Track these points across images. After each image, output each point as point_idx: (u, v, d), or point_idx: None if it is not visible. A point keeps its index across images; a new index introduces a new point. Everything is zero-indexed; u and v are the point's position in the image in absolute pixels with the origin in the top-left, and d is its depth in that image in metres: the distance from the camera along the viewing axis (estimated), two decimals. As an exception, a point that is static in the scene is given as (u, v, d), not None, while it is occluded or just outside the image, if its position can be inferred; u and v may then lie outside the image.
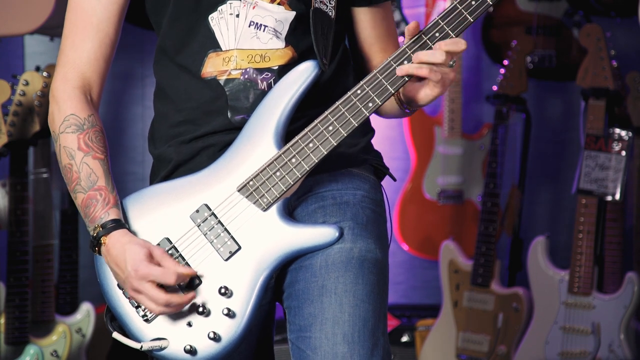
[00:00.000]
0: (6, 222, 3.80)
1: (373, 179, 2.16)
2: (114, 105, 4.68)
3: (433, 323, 4.55)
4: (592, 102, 4.21)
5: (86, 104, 2.08)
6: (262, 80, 2.05)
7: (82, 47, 2.09)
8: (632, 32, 4.74)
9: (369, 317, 2.01)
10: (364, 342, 1.99)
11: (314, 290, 2.02)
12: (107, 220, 2.02)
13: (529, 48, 4.52)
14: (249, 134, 2.02)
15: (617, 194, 4.18)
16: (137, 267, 1.95)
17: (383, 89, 1.97)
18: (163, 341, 2.02)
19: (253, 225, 2.01)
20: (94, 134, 2.07)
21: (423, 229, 4.88)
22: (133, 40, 4.54)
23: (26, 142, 3.77)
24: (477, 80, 5.04)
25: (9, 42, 4.40)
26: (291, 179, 2.00)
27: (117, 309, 2.06)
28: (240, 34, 2.05)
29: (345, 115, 1.98)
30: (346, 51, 2.17)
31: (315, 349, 1.99)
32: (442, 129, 4.85)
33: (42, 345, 3.83)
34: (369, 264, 2.04)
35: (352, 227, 2.06)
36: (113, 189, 2.05)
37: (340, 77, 2.13)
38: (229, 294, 2.00)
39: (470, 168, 4.88)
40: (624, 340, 4.15)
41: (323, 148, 1.99)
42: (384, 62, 1.98)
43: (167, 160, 2.12)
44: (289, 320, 2.07)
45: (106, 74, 2.13)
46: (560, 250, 4.70)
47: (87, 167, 2.04)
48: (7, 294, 3.78)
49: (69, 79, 2.09)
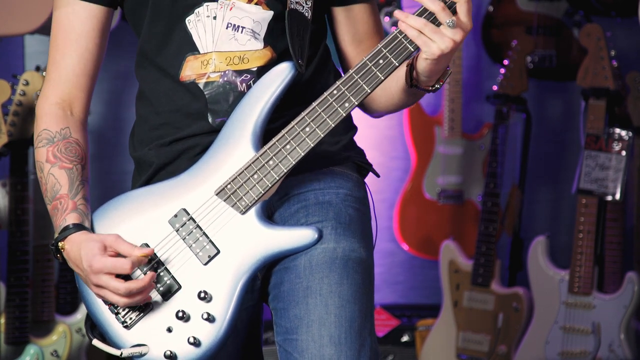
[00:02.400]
0: (6, 222, 3.80)
1: (356, 177, 2.15)
2: (114, 105, 4.68)
3: (433, 323, 4.55)
4: (593, 102, 4.21)
5: (62, 118, 2.08)
6: (241, 82, 2.04)
7: (62, 64, 2.09)
8: (633, 32, 4.74)
9: (355, 318, 1.99)
10: (351, 344, 1.98)
11: (299, 292, 2.01)
12: (65, 226, 2.01)
13: (529, 48, 4.52)
14: (226, 136, 2.01)
15: (618, 194, 4.18)
16: (90, 262, 1.94)
17: (359, 89, 1.96)
18: (143, 347, 2.01)
19: (232, 229, 2.00)
20: (64, 145, 2.06)
21: (423, 229, 4.87)
22: (133, 40, 4.53)
23: (26, 142, 3.77)
24: (477, 80, 5.04)
25: (9, 42, 4.40)
26: (269, 181, 1.98)
27: (97, 316, 2.04)
28: (218, 36, 2.04)
29: (322, 115, 1.97)
30: (326, 51, 2.15)
31: (302, 351, 1.98)
32: (442, 129, 4.85)
33: (42, 345, 3.83)
34: (354, 263, 2.03)
35: (334, 227, 2.05)
36: (77, 194, 2.04)
37: (319, 78, 2.11)
38: (209, 299, 1.99)
39: (471, 168, 4.87)
40: (624, 340, 4.15)
41: (300, 149, 1.98)
42: (360, 61, 1.96)
43: (148, 163, 2.11)
44: (275, 322, 2.06)
45: (91, 88, 2.13)
46: (560, 250, 4.70)
47: (52, 178, 2.04)
48: (8, 294, 3.78)
49: (48, 96, 2.10)
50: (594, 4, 4.62)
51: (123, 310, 2.01)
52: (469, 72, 4.99)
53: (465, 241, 4.73)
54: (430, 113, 4.91)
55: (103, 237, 1.97)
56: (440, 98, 4.90)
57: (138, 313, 2.01)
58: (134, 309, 2.01)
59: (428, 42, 1.92)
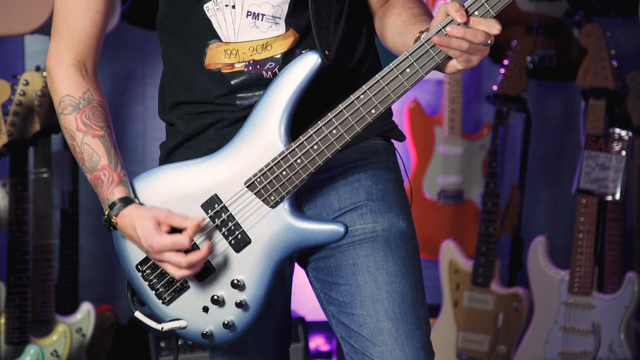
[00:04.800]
0: (6, 222, 3.80)
1: (381, 144, 2.18)
2: (114, 105, 4.68)
3: (433, 323, 4.55)
4: (592, 102, 4.21)
5: (81, 80, 2.11)
6: (266, 70, 2.07)
7: (74, 26, 2.11)
8: (633, 32, 4.75)
9: (406, 292, 2.07)
10: (406, 317, 2.05)
11: (346, 269, 2.08)
12: (113, 200, 2.05)
13: (529, 48, 4.52)
14: (254, 123, 2.04)
15: (617, 194, 4.18)
16: (150, 243, 2.00)
17: (386, 97, 1.97)
18: (182, 321, 2.10)
19: (262, 221, 2.05)
20: (90, 110, 2.10)
21: (423, 229, 4.88)
22: (133, 40, 4.54)
23: (26, 142, 3.77)
24: (477, 80, 5.04)
25: (9, 42, 4.40)
26: (297, 179, 2.03)
27: (138, 287, 2.12)
28: (239, 26, 2.06)
29: (349, 120, 1.99)
30: (350, 15, 2.13)
31: (360, 325, 2.06)
32: (442, 129, 4.85)
33: (43, 345, 3.83)
34: (395, 238, 2.09)
35: (369, 206, 2.10)
36: (117, 164, 2.08)
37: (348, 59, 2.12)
38: (242, 287, 2.07)
39: (471, 168, 4.88)
40: (624, 340, 4.15)
41: (328, 152, 2.01)
42: (387, 67, 1.97)
43: (177, 131, 2.16)
44: (322, 291, 2.13)
45: (99, 47, 2.16)
46: (560, 250, 4.70)
47: (88, 148, 2.08)
48: (8, 294, 3.78)
49: (63, 57, 2.12)
50: (594, 4, 4.62)
51: (163, 288, 2.09)
52: (469, 72, 4.99)
53: (465, 241, 4.73)
54: (430, 113, 4.91)
55: (155, 213, 2.02)
56: (440, 98, 4.90)
57: (176, 292, 2.10)
58: (173, 288, 2.09)
59: (470, 58, 1.95)
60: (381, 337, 2.05)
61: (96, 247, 4.66)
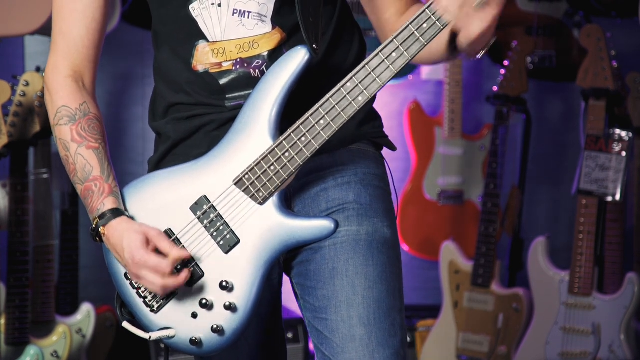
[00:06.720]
0: (6, 223, 3.80)
1: (372, 153, 2.16)
2: (114, 105, 4.68)
3: (433, 324, 4.55)
4: (593, 102, 4.21)
5: (78, 92, 2.10)
6: (254, 68, 2.06)
7: (70, 35, 2.10)
8: (633, 32, 4.75)
9: (382, 298, 2.03)
10: (380, 324, 2.02)
11: (325, 273, 2.05)
12: (104, 211, 2.04)
13: (530, 48, 4.52)
14: (243, 122, 2.03)
15: (618, 195, 4.18)
16: (133, 255, 1.98)
17: (373, 83, 1.96)
18: (170, 330, 2.07)
19: (251, 219, 2.03)
20: (86, 122, 2.09)
21: (423, 229, 4.88)
22: (133, 40, 4.54)
23: (26, 142, 3.77)
24: (477, 80, 5.04)
25: (9, 42, 4.40)
26: (285, 173, 2.00)
27: (126, 298, 2.10)
28: (225, 24, 2.05)
29: (337, 109, 1.97)
30: (341, 21, 2.13)
31: (333, 331, 2.03)
32: (442, 130, 4.85)
33: (43, 346, 3.83)
34: (377, 243, 2.06)
35: (356, 209, 2.08)
36: (109, 176, 2.07)
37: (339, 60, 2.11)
38: (230, 288, 2.03)
39: (471, 169, 4.88)
40: (624, 341, 4.15)
41: (315, 142, 1.99)
42: (373, 54, 1.96)
43: (166, 136, 2.14)
44: (302, 297, 2.10)
45: (97, 59, 2.15)
46: (560, 251, 4.70)
47: (81, 158, 2.07)
48: (8, 295, 3.78)
49: (59, 68, 2.11)
50: (594, 5, 4.62)
51: (150, 294, 2.07)
52: (469, 73, 4.99)
53: (465, 242, 4.73)
54: (430, 114, 4.91)
55: (145, 230, 2.01)
56: (440, 99, 4.90)
57: (164, 299, 2.07)
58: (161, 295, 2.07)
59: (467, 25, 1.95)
60: (352, 344, 2.01)
61: (96, 248, 4.65)
